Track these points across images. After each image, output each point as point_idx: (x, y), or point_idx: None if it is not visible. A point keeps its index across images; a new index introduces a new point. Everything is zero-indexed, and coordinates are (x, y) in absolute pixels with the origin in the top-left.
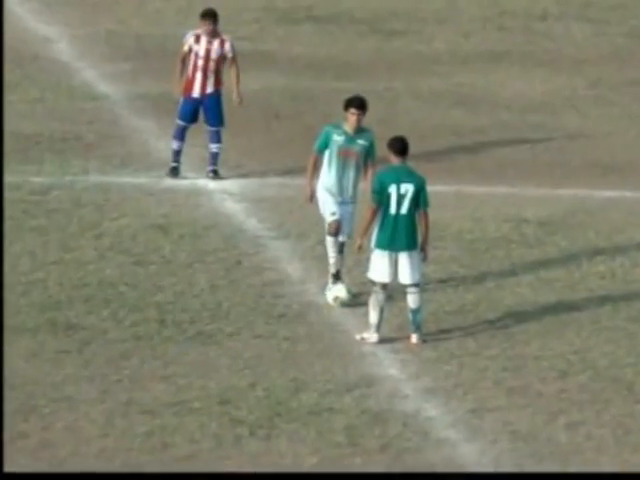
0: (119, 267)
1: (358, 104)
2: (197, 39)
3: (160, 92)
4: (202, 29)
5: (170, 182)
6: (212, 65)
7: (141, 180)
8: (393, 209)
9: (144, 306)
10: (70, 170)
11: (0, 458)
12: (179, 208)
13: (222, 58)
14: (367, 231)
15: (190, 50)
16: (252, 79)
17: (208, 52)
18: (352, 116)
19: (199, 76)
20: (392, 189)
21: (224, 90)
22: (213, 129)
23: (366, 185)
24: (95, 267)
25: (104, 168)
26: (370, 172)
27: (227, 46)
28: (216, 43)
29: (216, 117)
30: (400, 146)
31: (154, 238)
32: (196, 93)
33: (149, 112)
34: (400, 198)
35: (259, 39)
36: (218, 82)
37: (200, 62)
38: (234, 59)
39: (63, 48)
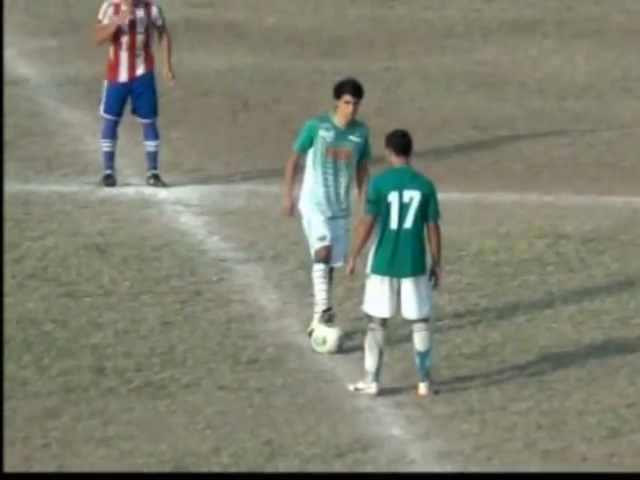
0: (44, 300)
1: (354, 90)
2: (116, 9)
3: (95, 75)
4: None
5: (109, 191)
6: (139, 40)
7: (72, 188)
8: (394, 223)
9: (77, 350)
10: None
11: (0, 458)
12: (121, 224)
13: (150, 29)
14: (360, 251)
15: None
16: (214, 57)
17: (133, 24)
18: (346, 105)
19: (125, 56)
20: (393, 197)
21: (157, 69)
22: (147, 121)
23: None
24: (14, 300)
25: (24, 173)
26: (363, 176)
27: (154, 12)
28: (141, 11)
29: (149, 106)
30: (402, 143)
31: (89, 262)
32: (123, 77)
33: (81, 101)
34: (403, 209)
35: (223, 5)
36: (148, 61)
37: (125, 38)
38: (164, 27)
39: None
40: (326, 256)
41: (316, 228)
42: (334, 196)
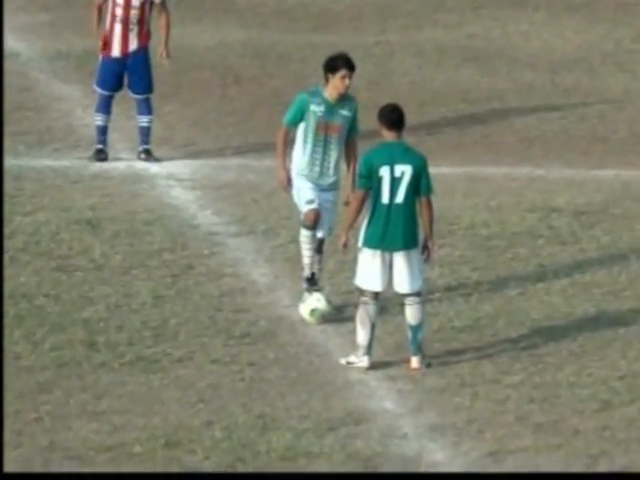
0: (36, 274)
1: (349, 64)
2: None
3: (87, 49)
4: None
5: (100, 166)
6: (134, 14)
7: (63, 163)
8: (386, 197)
9: (69, 324)
10: None
11: (0, 458)
12: (112, 198)
13: (147, 4)
14: (353, 224)
15: None
16: (205, 32)
17: None
18: (342, 80)
19: (119, 30)
20: (384, 172)
21: (153, 45)
22: (140, 97)
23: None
24: (6, 274)
25: (15, 148)
26: (352, 150)
27: None
28: None
29: (143, 81)
30: (394, 117)
31: (81, 237)
32: (116, 51)
33: (73, 75)
34: (395, 183)
35: None
36: (143, 36)
37: (119, 11)
38: (163, 4)
39: None
40: (314, 220)
41: (304, 193)
42: (324, 169)
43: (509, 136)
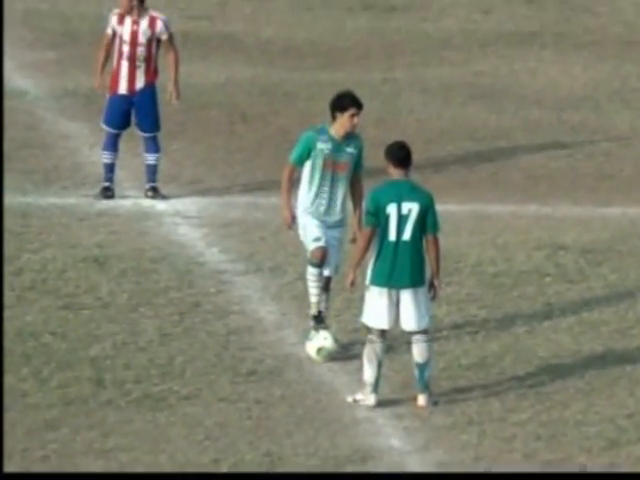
0: (43, 312)
1: (358, 102)
2: (121, 19)
3: (93, 87)
4: (125, 6)
5: (107, 203)
6: (141, 51)
7: (70, 201)
8: (392, 235)
9: (75, 362)
10: None
11: (0, 458)
12: (119, 236)
13: (153, 42)
14: (361, 262)
15: (114, 34)
16: (212, 70)
17: (134, 35)
18: (351, 119)
19: (125, 67)
20: (391, 209)
21: (160, 83)
22: (147, 135)
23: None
24: (12, 312)
25: (22, 186)
26: (357, 187)
27: (159, 26)
28: (144, 23)
29: (150, 119)
30: (401, 155)
31: (87, 275)
32: (123, 89)
33: (80, 113)
34: (402, 220)
35: (220, 18)
36: (150, 74)
37: (125, 48)
38: (170, 41)
39: None
40: (321, 258)
41: (311, 231)
42: (330, 207)
43: (516, 174)
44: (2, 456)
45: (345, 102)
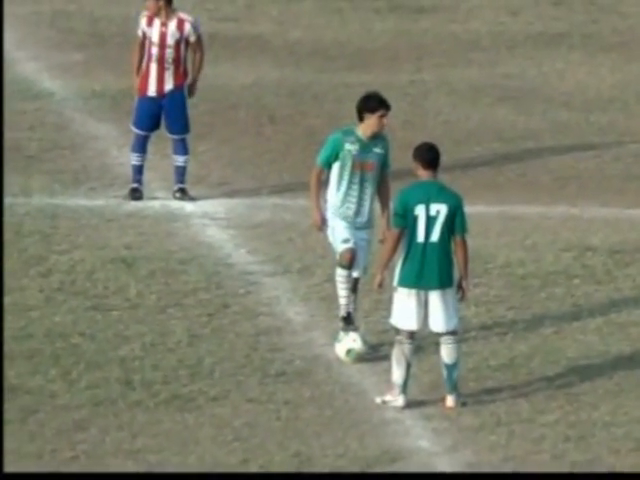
0: (72, 313)
1: (386, 103)
2: (150, 21)
3: (121, 88)
4: (152, 8)
5: (135, 205)
6: (169, 53)
7: (98, 202)
8: (421, 236)
9: (104, 363)
10: (8, 190)
11: (0, 458)
12: (147, 237)
13: (182, 43)
14: (388, 263)
15: (144, 36)
16: (240, 71)
17: (163, 36)
18: (379, 120)
19: (154, 69)
20: (419, 210)
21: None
22: (176, 137)
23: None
24: (41, 313)
25: (51, 187)
26: (384, 188)
27: (187, 28)
28: (172, 25)
29: (179, 122)
30: (430, 156)
31: (116, 276)
32: (152, 91)
33: (108, 114)
34: (430, 222)
35: (248, 20)
36: (179, 76)
37: (154, 50)
38: (198, 42)
39: None
40: (350, 259)
41: (340, 233)
42: (358, 208)
43: (544, 175)
44: (2, 456)
45: (374, 103)
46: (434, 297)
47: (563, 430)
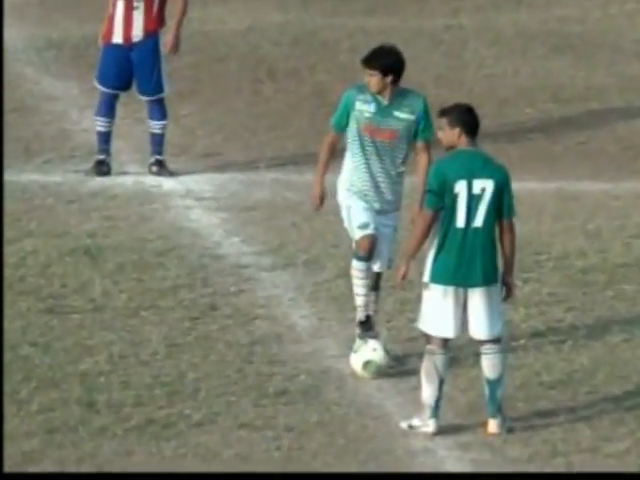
0: (21, 317)
1: (368, 58)
2: None
3: (85, 35)
4: None
5: (102, 181)
6: None
7: (55, 178)
8: (462, 220)
9: (61, 379)
10: None
11: (0, 458)
12: (116, 222)
13: None
14: (416, 252)
15: None
16: (232, 13)
17: None
18: (366, 78)
19: (121, 8)
20: (460, 187)
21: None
22: (149, 99)
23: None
24: None
25: None
26: (421, 159)
27: None
28: None
29: (150, 78)
30: (473, 119)
31: (77, 271)
32: (118, 37)
33: (68, 69)
34: (473, 202)
35: None
36: (151, 19)
37: None
38: None
39: None
40: (369, 249)
41: (356, 216)
42: (376, 186)
43: (610, 144)
44: (2, 456)
45: (364, 58)
46: (476, 296)
47: (634, 461)
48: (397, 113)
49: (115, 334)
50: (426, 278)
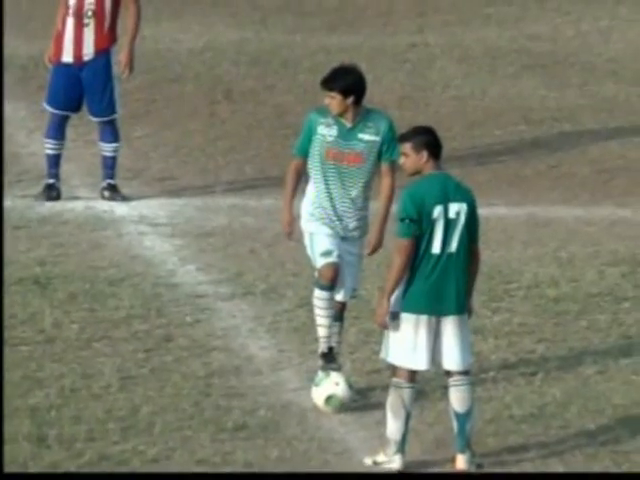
0: None
1: (327, 81)
2: None
3: (33, 56)
4: None
5: (51, 206)
6: (89, 3)
7: (4, 203)
8: (437, 246)
9: (9, 413)
10: None
11: (0, 458)
12: (66, 250)
13: None
14: (397, 286)
15: None
16: (187, 32)
17: None
18: (327, 100)
19: (71, 25)
20: (438, 213)
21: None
22: (100, 120)
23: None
24: None
25: None
26: (385, 182)
27: None
28: None
29: (102, 99)
30: (434, 140)
31: (25, 300)
32: (68, 56)
33: (14, 89)
34: (449, 227)
35: None
36: (102, 36)
37: (72, 2)
38: None
39: None
40: (332, 277)
41: (319, 243)
42: (341, 213)
43: (583, 167)
44: (2, 456)
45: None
46: (449, 325)
47: None
48: (361, 135)
49: (66, 366)
50: (396, 307)
